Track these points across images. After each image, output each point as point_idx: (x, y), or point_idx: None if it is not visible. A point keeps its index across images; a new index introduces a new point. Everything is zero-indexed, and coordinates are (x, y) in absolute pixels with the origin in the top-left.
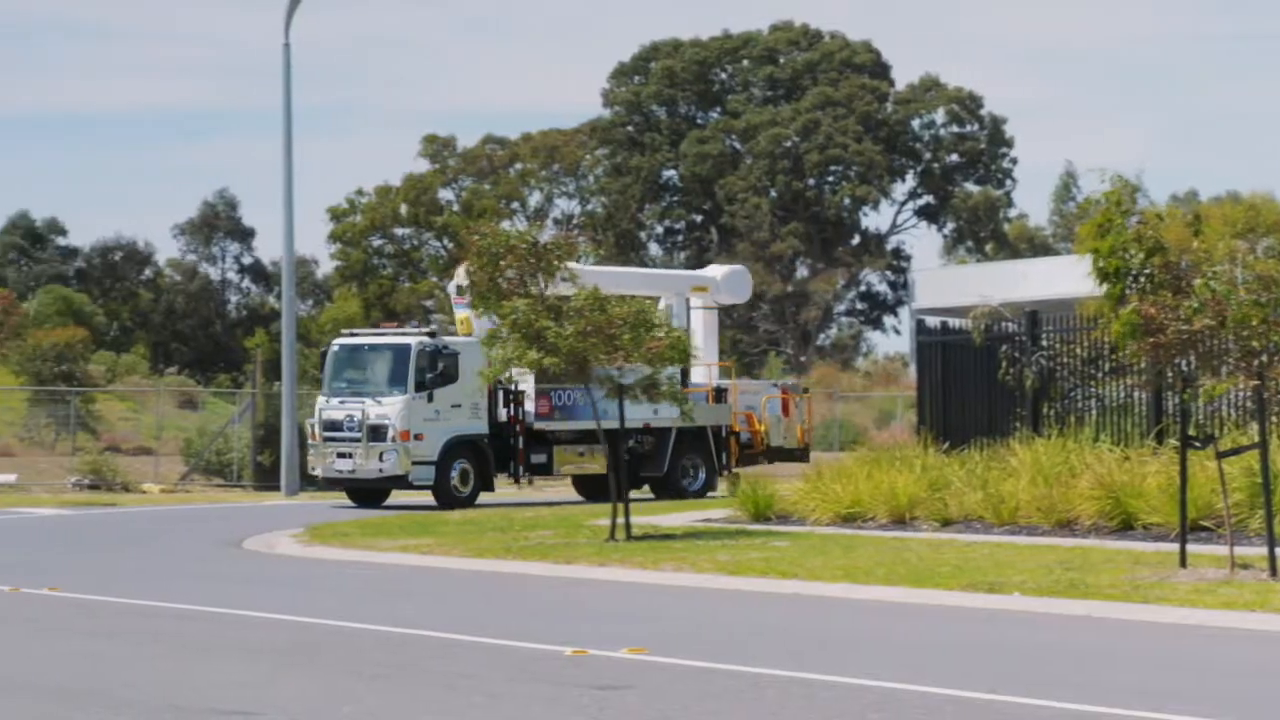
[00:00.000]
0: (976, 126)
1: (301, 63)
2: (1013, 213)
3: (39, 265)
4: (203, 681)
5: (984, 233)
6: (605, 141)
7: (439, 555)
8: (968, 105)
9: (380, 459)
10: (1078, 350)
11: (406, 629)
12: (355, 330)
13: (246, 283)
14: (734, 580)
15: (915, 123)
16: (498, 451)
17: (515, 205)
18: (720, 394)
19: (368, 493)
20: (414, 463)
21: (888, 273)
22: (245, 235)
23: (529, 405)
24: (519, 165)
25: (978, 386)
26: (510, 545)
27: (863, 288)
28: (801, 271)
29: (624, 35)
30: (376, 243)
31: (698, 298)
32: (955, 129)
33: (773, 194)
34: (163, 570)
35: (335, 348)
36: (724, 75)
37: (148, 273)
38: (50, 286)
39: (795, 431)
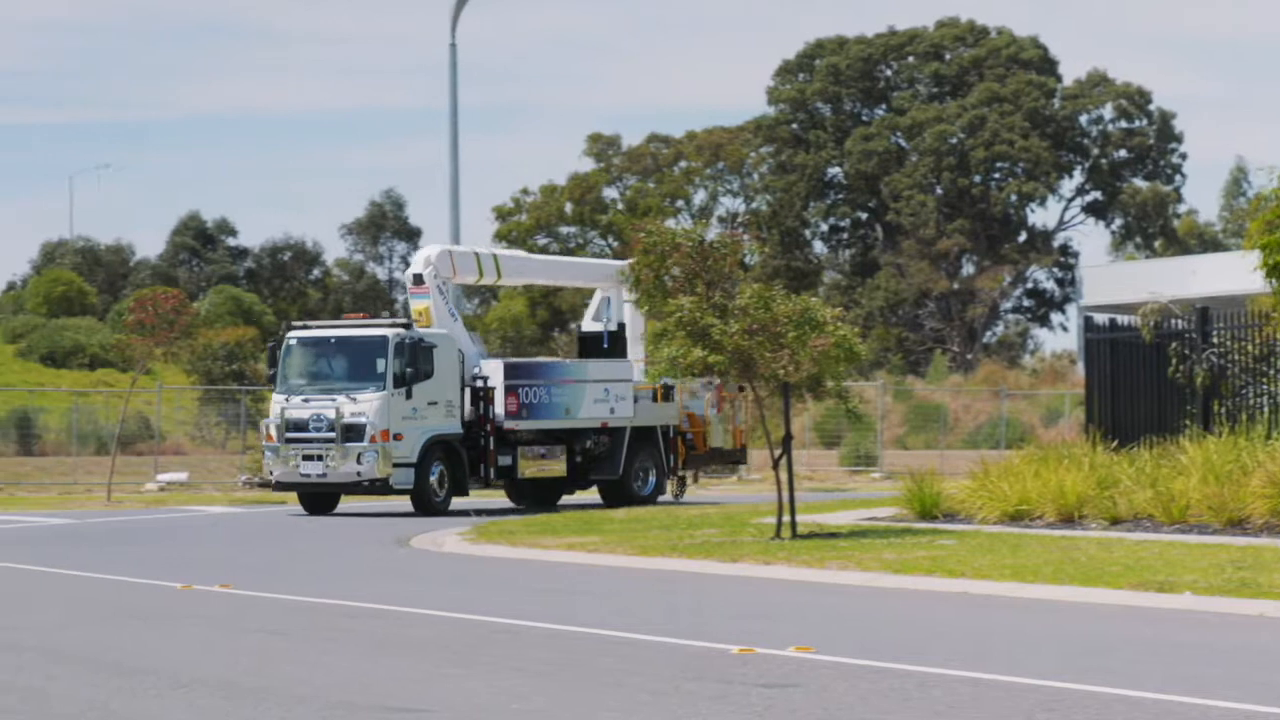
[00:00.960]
0: (1145, 122)
1: (467, 62)
2: (1182, 209)
3: (209, 265)
4: (372, 678)
5: (1152, 229)
6: (770, 139)
7: (604, 553)
8: (1136, 100)
9: (358, 461)
10: (1249, 347)
11: (573, 626)
12: (312, 323)
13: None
14: (900, 579)
15: (1083, 118)
16: (469, 454)
17: (680, 203)
18: (668, 392)
19: (320, 498)
20: (394, 464)
21: (1055, 269)
22: (412, 235)
23: (499, 403)
24: (684, 163)
25: (1147, 384)
26: (675, 543)
27: (1029, 285)
28: (967, 269)
29: (789, 33)
30: (541, 241)
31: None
32: (1123, 124)
33: (938, 191)
34: (332, 568)
35: (292, 341)
36: (889, 72)
37: (316, 272)
38: (221, 286)
39: (733, 432)
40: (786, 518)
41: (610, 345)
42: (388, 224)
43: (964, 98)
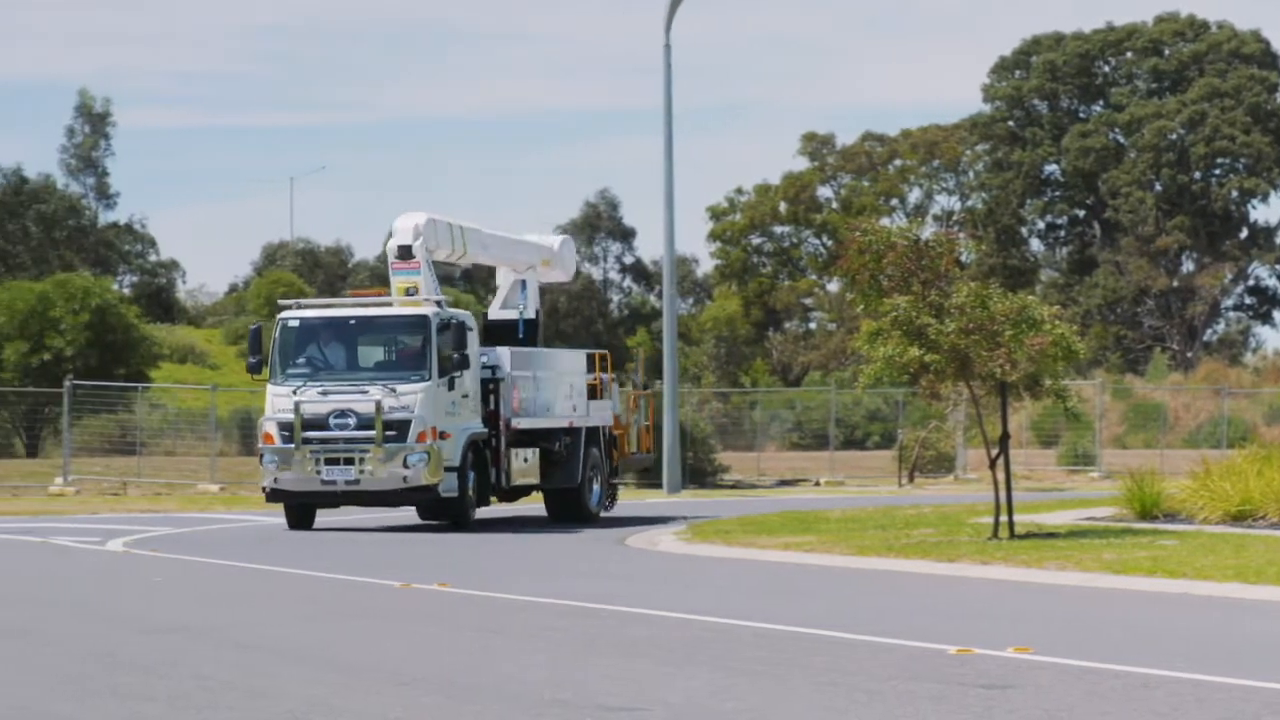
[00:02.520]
0: None
1: (682, 62)
2: None
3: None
4: (586, 676)
5: None
6: (986, 137)
7: (820, 553)
8: None
9: (404, 465)
10: None
11: (789, 626)
12: (308, 300)
13: (628, 282)
14: (1120, 579)
15: None
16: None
17: (894, 202)
18: (601, 389)
19: (306, 510)
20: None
21: (1277, 266)
22: (626, 235)
23: (509, 397)
24: (898, 162)
25: None
26: (892, 543)
27: (1251, 282)
28: (1187, 266)
29: (1005, 30)
30: (755, 241)
31: (543, 271)
32: None
33: (1157, 187)
34: (547, 566)
35: (293, 322)
36: (1107, 68)
37: None
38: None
39: (643, 435)
40: (1004, 517)
41: (525, 336)
42: (602, 224)
43: (1183, 93)
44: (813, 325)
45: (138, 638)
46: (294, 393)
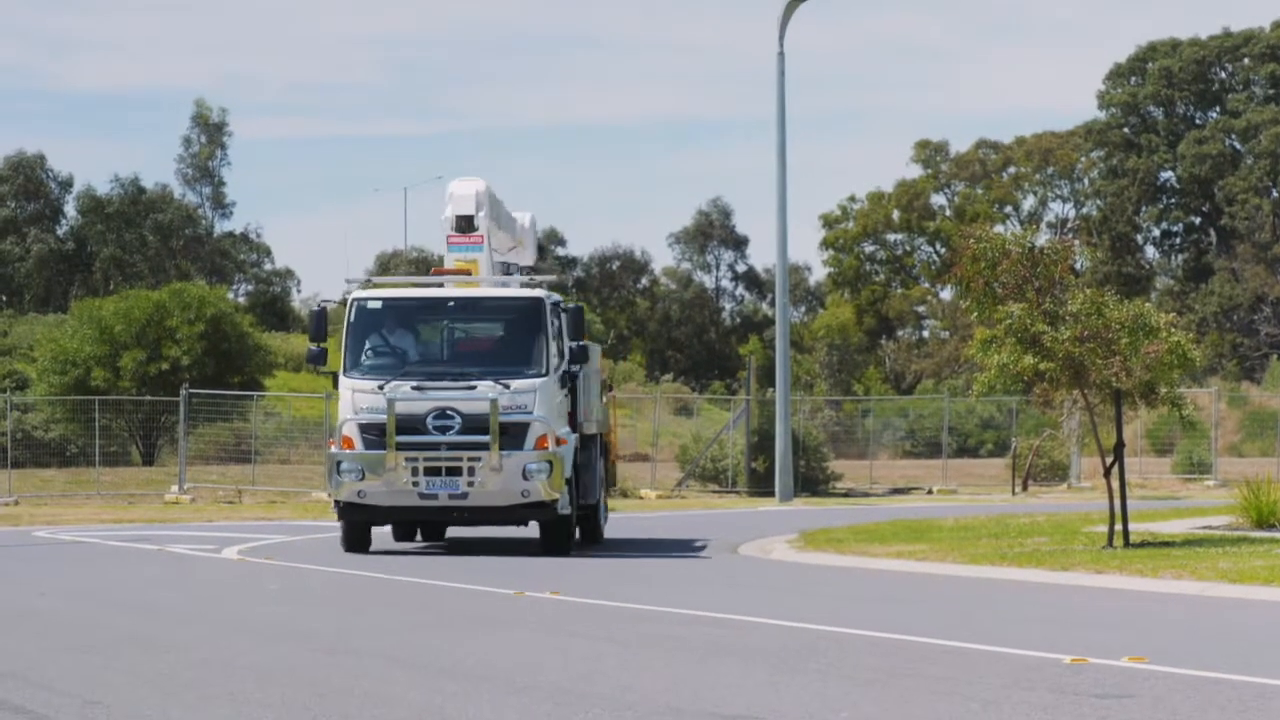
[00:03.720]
0: None
1: (795, 70)
2: None
3: (539, 275)
4: (700, 684)
5: None
6: (1101, 143)
7: (933, 561)
8: None
9: (524, 476)
10: None
11: (903, 635)
12: (387, 279)
13: (740, 290)
14: (1236, 588)
15: None
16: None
17: (1008, 209)
18: (603, 388)
19: (362, 526)
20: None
21: None
22: (739, 243)
23: (584, 397)
24: (1012, 169)
25: None
26: (1005, 552)
27: None
28: None
29: (1120, 36)
30: (868, 249)
31: (514, 253)
32: None
33: (1274, 194)
34: (660, 574)
35: (373, 305)
36: (1223, 74)
37: (644, 281)
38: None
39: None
40: (1118, 526)
41: None
42: (715, 232)
43: None
44: (925, 333)
45: (253, 644)
46: (380, 388)
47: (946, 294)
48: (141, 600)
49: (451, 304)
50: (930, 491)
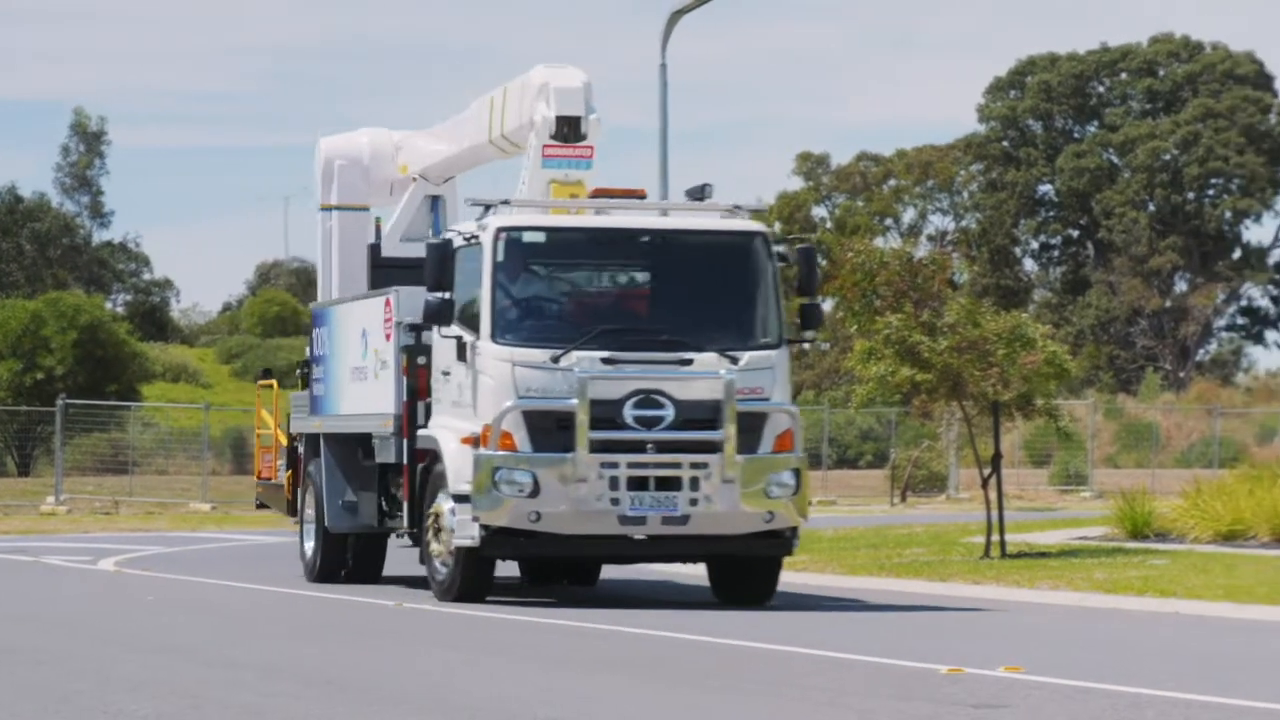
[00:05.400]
0: None
1: (677, 82)
2: None
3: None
4: (585, 696)
5: None
6: (980, 156)
7: (813, 572)
8: None
9: (767, 493)
10: None
11: (781, 645)
12: (524, 201)
13: None
14: (1111, 599)
15: None
16: None
17: (888, 222)
18: None
19: (490, 561)
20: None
21: (1270, 287)
22: None
23: None
24: (893, 181)
25: None
26: (883, 562)
27: (1244, 302)
28: (1180, 286)
29: (1000, 50)
30: None
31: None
32: None
33: (1151, 208)
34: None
35: (530, 237)
36: (1102, 88)
37: None
38: None
39: None
40: (996, 537)
41: None
42: None
43: (1178, 114)
44: (807, 345)
45: (129, 656)
46: (555, 360)
47: (826, 305)
48: (15, 611)
49: (646, 239)
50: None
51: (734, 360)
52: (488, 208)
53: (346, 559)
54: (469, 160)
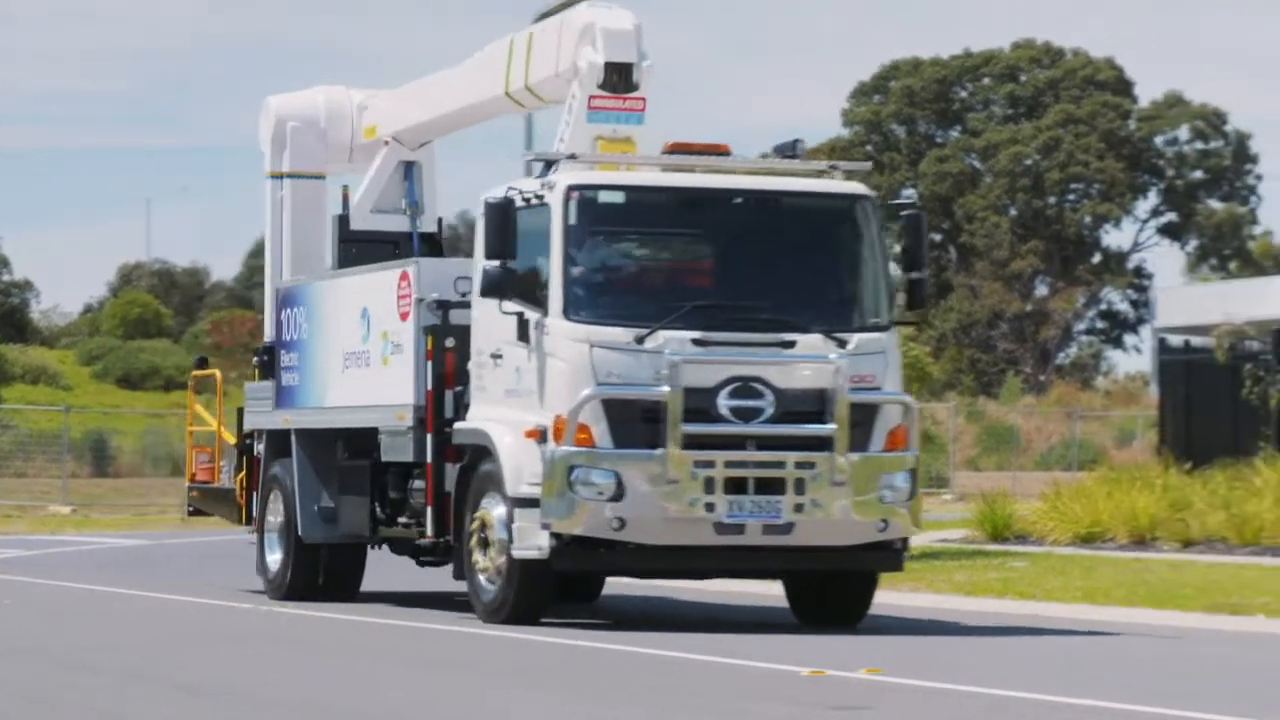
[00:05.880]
0: (1221, 143)
1: None
2: (1257, 230)
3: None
4: (438, 697)
5: (1228, 250)
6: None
7: (659, 579)
8: (1212, 121)
9: (881, 497)
10: None
11: (638, 648)
12: (590, 156)
13: None
14: (971, 601)
15: (1159, 139)
16: None
17: None
18: None
19: (542, 577)
20: None
21: (1129, 291)
22: None
23: None
24: None
25: (1221, 405)
26: None
27: (1103, 306)
28: (1041, 290)
29: (864, 55)
30: None
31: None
32: (1199, 145)
33: (1012, 212)
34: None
35: (606, 197)
36: (964, 93)
37: None
38: None
39: None
40: None
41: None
42: (461, 247)
43: (1039, 119)
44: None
45: None
46: (640, 340)
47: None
48: None
49: (739, 201)
50: None
51: (841, 343)
52: (549, 163)
53: (319, 573)
54: (465, 118)
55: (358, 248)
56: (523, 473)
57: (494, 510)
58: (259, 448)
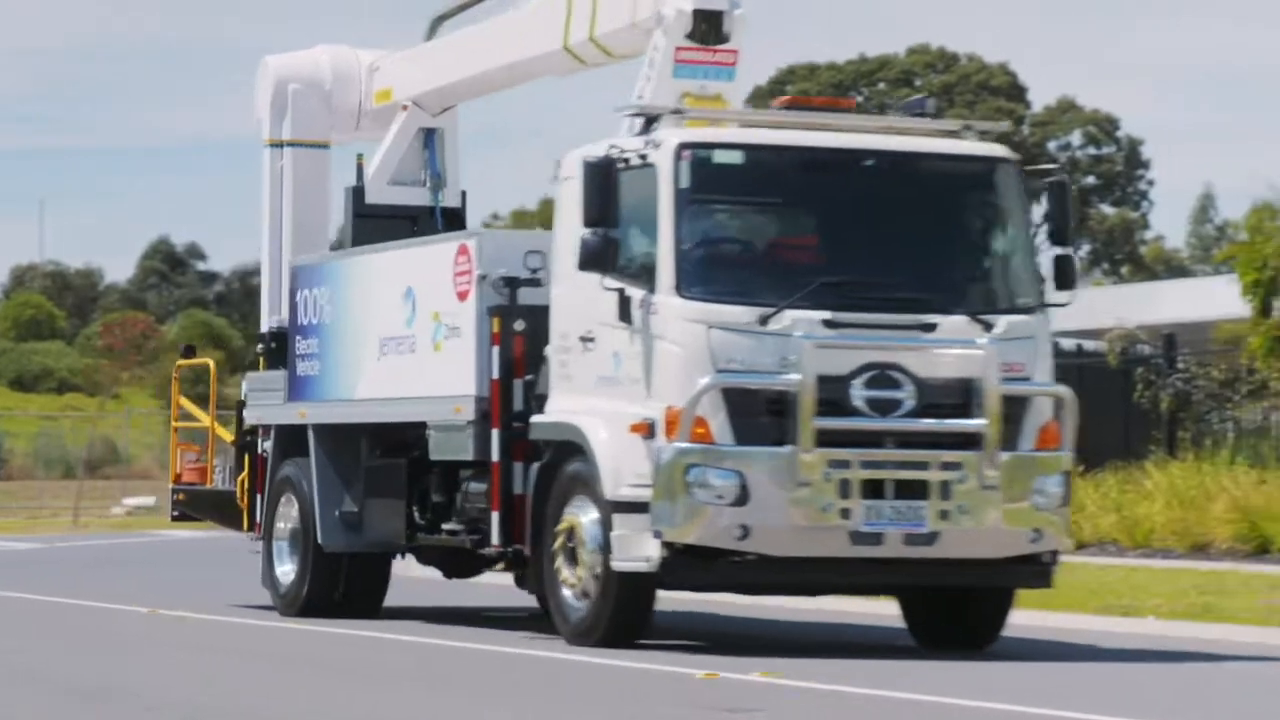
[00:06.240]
0: (1113, 148)
1: None
2: (1149, 235)
3: (179, 290)
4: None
5: (1120, 255)
6: None
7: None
8: (1104, 127)
9: (1035, 504)
10: (1214, 373)
11: (524, 650)
12: (701, 110)
13: None
14: (860, 604)
15: (1051, 144)
16: None
17: None
18: None
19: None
20: None
21: None
22: None
23: None
24: None
25: (1113, 409)
26: None
27: None
28: None
29: (762, 59)
30: None
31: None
32: (1091, 151)
33: None
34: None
35: (722, 157)
36: (860, 98)
37: None
38: (190, 311)
39: None
40: None
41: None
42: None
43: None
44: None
45: None
46: (763, 321)
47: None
48: None
49: (872, 163)
50: None
51: (987, 326)
52: (650, 119)
53: (339, 585)
54: (504, 79)
55: (375, 223)
56: (623, 473)
57: (584, 516)
58: (264, 445)
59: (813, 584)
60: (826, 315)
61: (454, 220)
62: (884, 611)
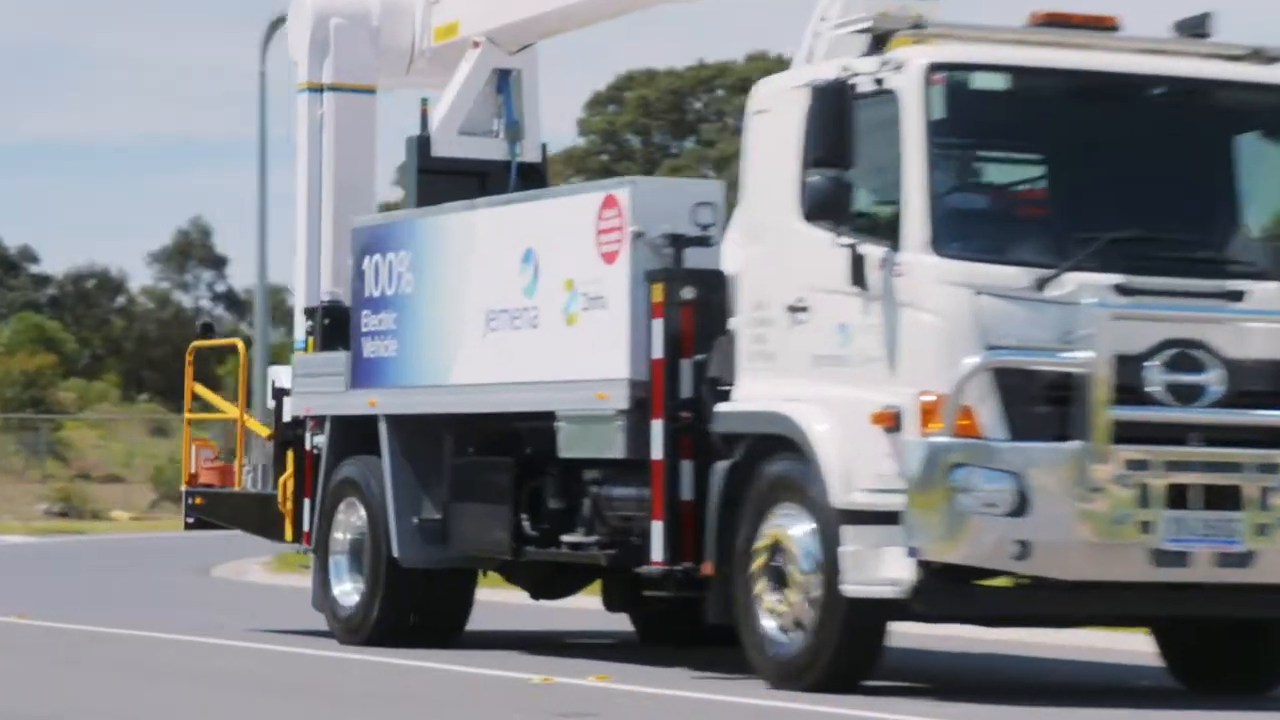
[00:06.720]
0: None
1: (279, 91)
2: None
3: (11, 292)
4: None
5: None
6: (580, 169)
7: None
8: None
9: None
10: None
11: (369, 656)
12: (935, 23)
13: (220, 310)
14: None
15: None
16: None
17: None
18: None
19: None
20: None
21: None
22: (219, 263)
23: None
24: None
25: None
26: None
27: None
28: None
29: (601, 64)
30: None
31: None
32: None
33: None
34: (129, 596)
35: (992, 81)
36: (699, 105)
37: (120, 300)
38: (22, 314)
39: None
40: None
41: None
42: (194, 252)
43: None
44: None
45: None
46: (1039, 286)
47: None
48: None
49: (1161, 92)
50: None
51: None
52: (882, 36)
53: (415, 607)
54: (606, 7)
55: (443, 180)
56: (855, 474)
57: (794, 528)
58: (314, 440)
59: (1103, 616)
60: (1118, 279)
61: (532, 177)
62: (1099, 644)
